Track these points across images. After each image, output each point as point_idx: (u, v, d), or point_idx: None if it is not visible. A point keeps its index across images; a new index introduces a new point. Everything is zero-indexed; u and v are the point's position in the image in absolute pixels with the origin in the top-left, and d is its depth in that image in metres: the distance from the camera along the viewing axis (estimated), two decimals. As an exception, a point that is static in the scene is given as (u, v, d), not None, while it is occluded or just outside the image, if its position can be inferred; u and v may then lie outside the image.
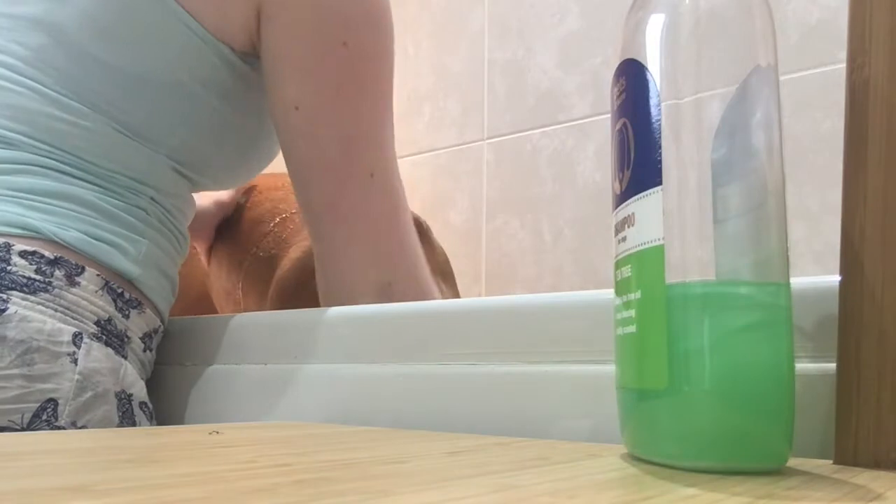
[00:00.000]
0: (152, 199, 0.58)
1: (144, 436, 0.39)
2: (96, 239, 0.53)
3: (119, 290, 0.54)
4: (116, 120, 0.55)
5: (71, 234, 0.52)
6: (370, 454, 0.30)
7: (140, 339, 0.56)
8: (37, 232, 0.51)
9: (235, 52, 0.59)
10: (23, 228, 0.51)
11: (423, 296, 0.63)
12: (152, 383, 0.62)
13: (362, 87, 0.60)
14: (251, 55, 0.60)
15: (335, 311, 0.54)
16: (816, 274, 0.35)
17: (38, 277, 0.50)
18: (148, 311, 0.57)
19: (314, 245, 0.62)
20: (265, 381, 0.55)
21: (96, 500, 0.19)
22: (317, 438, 0.37)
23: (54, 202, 0.53)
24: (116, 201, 0.55)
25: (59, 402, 0.48)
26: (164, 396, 0.62)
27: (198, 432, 0.39)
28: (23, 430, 0.46)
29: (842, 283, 0.29)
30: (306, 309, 0.57)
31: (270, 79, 0.60)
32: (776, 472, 0.26)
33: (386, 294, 0.60)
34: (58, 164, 0.54)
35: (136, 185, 0.57)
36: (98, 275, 0.53)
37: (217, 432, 0.38)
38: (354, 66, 0.59)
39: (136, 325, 0.56)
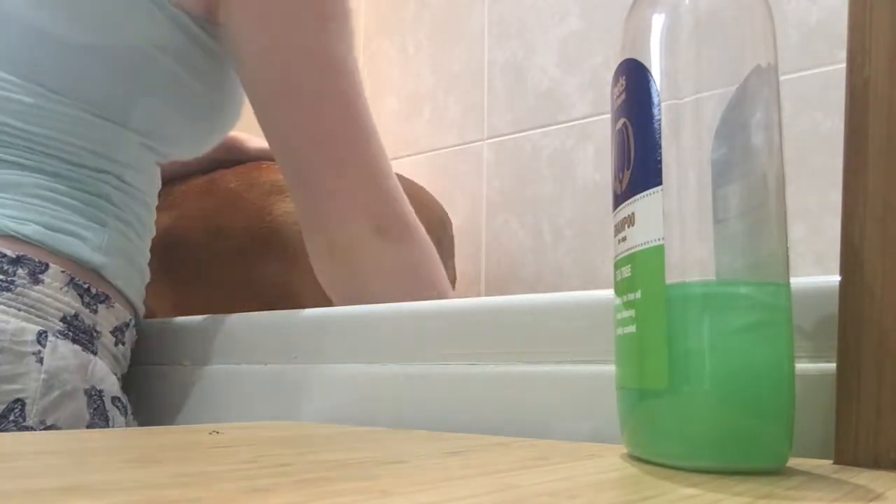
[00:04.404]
0: (118, 178, 0.57)
1: (144, 436, 0.39)
2: (56, 230, 0.52)
3: (85, 286, 0.53)
4: (71, 96, 0.54)
5: (29, 228, 0.51)
6: (370, 454, 0.30)
7: (111, 332, 0.56)
8: None
9: (192, 19, 0.58)
10: None
11: (413, 227, 0.63)
12: (150, 384, 0.62)
13: (327, 20, 0.60)
14: (209, 22, 0.60)
15: (335, 311, 0.54)
16: (816, 274, 0.35)
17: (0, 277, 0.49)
18: (117, 304, 0.56)
19: (300, 195, 0.62)
20: (265, 381, 0.55)
21: (96, 500, 0.19)
22: (317, 438, 0.37)
23: (9, 196, 0.52)
24: (76, 191, 0.54)
25: (27, 402, 0.48)
26: (162, 396, 0.62)
27: (198, 432, 0.39)
28: None
29: (842, 283, 0.29)
30: (306, 309, 0.57)
31: (236, 37, 0.60)
32: (776, 472, 0.26)
33: (383, 232, 0.60)
34: (12, 150, 0.53)
35: (101, 164, 0.56)
36: (63, 271, 0.52)
37: (217, 432, 0.38)
38: (316, 3, 0.60)
39: (105, 319, 0.55)
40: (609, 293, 0.32)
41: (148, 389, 0.61)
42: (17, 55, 0.54)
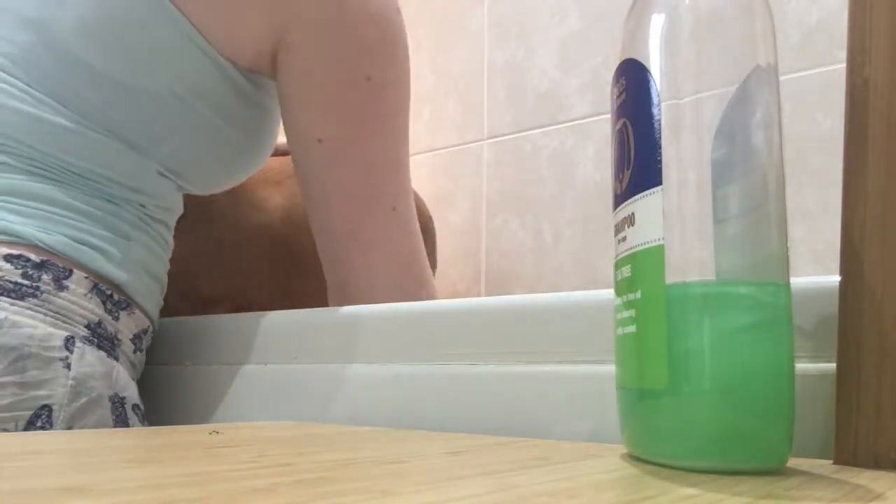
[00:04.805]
0: (140, 204, 0.57)
1: (144, 436, 0.39)
2: (80, 243, 0.52)
3: (108, 293, 0.53)
4: (104, 126, 0.54)
5: (54, 238, 0.51)
6: (370, 454, 0.30)
7: (130, 340, 0.56)
8: (19, 237, 0.50)
9: (239, 70, 0.58)
10: (4, 233, 0.49)
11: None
12: (151, 384, 0.62)
13: (386, 119, 0.60)
14: (255, 72, 0.59)
15: (335, 311, 0.54)
16: (816, 274, 0.35)
17: (25, 282, 0.49)
18: (137, 311, 0.56)
19: (331, 269, 0.62)
20: (265, 381, 0.55)
21: (96, 500, 0.19)
22: (317, 438, 0.37)
23: (37, 205, 0.51)
24: (101, 202, 0.54)
25: (54, 408, 0.47)
26: (163, 396, 0.62)
27: (198, 432, 0.39)
28: None
29: (842, 283, 0.29)
30: (306, 309, 0.57)
31: (290, 107, 0.60)
32: (776, 472, 0.26)
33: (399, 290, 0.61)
34: (40, 166, 0.52)
35: (124, 192, 0.56)
36: (86, 277, 0.52)
37: (217, 432, 0.38)
38: (378, 99, 0.60)
39: (126, 326, 0.55)
40: (609, 293, 0.32)
41: (149, 389, 0.61)
42: (56, 77, 0.53)
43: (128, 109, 0.55)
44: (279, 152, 0.71)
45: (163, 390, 0.62)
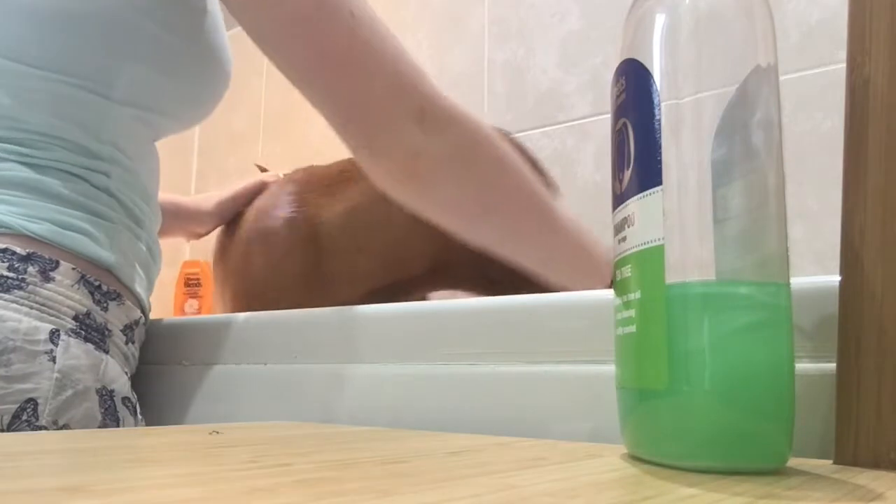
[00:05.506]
0: (116, 163, 0.56)
1: (144, 436, 0.39)
2: (67, 228, 0.52)
3: (96, 283, 0.53)
4: (55, 69, 0.54)
5: (42, 227, 0.51)
6: (370, 454, 0.30)
7: (121, 331, 0.56)
8: (7, 227, 0.50)
9: None
10: None
11: (457, 114, 0.59)
12: (150, 384, 0.62)
13: None
14: None
15: (335, 311, 0.54)
16: (816, 274, 0.35)
17: (10, 275, 0.49)
18: (128, 301, 0.56)
19: (308, 90, 0.57)
20: (265, 381, 0.55)
21: (96, 500, 0.19)
22: (317, 438, 0.37)
23: (20, 194, 0.51)
24: (81, 187, 0.54)
25: (39, 401, 0.47)
26: (163, 396, 0.62)
27: (198, 432, 0.39)
28: (3, 431, 0.46)
29: (842, 283, 0.29)
30: (306, 309, 0.57)
31: None
32: (776, 472, 0.26)
33: (425, 119, 0.56)
34: (16, 147, 0.52)
35: (97, 148, 0.55)
36: (73, 268, 0.52)
37: (217, 432, 0.38)
38: None
39: (115, 317, 0.55)
40: (609, 293, 0.32)
41: (147, 389, 0.61)
42: (12, 37, 0.53)
43: (70, 42, 0.54)
44: None
45: (161, 390, 0.62)
